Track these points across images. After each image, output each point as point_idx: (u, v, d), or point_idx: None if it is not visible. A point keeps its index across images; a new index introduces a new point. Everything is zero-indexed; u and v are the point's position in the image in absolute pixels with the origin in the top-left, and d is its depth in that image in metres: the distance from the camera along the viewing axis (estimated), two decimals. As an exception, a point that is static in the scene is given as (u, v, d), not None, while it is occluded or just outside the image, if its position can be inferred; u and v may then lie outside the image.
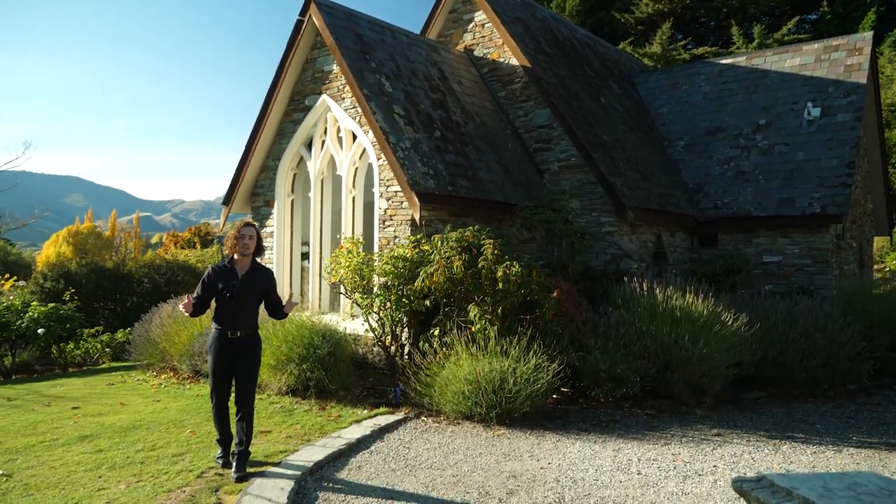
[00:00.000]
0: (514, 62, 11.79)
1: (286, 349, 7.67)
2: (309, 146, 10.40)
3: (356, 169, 9.93)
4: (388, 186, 9.12)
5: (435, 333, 7.63)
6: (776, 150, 12.32)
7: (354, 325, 9.05)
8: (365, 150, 9.62)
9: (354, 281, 8.36)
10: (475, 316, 7.33)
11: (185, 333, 9.23)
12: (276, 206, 10.66)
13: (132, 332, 10.98)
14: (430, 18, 12.90)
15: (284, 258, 10.69)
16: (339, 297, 9.72)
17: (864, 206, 13.85)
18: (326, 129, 10.14)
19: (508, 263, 7.34)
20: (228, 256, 5.36)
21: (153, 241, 68.06)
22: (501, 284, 7.25)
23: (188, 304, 5.20)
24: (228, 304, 5.18)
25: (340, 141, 9.99)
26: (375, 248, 9.17)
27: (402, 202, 8.91)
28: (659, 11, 27.78)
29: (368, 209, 9.98)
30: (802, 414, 7.22)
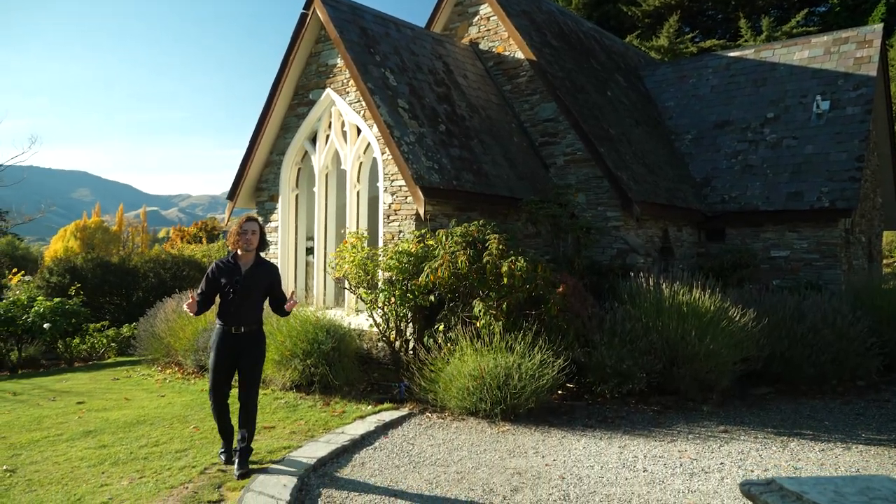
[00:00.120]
0: (519, 55, 11.70)
1: (290, 344, 7.65)
2: (313, 141, 10.36)
3: (361, 163, 9.88)
4: (392, 181, 9.07)
5: (439, 329, 7.59)
6: (784, 143, 12.21)
7: (359, 320, 9.02)
8: (369, 144, 9.57)
9: (359, 276, 8.32)
10: (480, 311, 7.28)
11: (189, 328, 9.23)
12: (280, 200, 10.63)
13: (137, 326, 10.99)
14: (435, 12, 12.81)
15: (289, 253, 10.67)
16: (343, 291, 9.69)
17: (873, 200, 13.71)
18: (331, 123, 10.09)
19: (513, 258, 7.28)
20: (232, 252, 5.33)
21: (160, 235, 68.31)
22: (506, 279, 7.20)
23: (192, 303, 5.17)
24: (232, 300, 5.14)
25: (345, 135, 9.94)
26: (380, 242, 9.13)
27: (406, 197, 8.86)
28: (666, 4, 27.59)
29: (373, 204, 9.93)
30: (811, 410, 7.15)
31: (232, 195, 10.98)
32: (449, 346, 7.14)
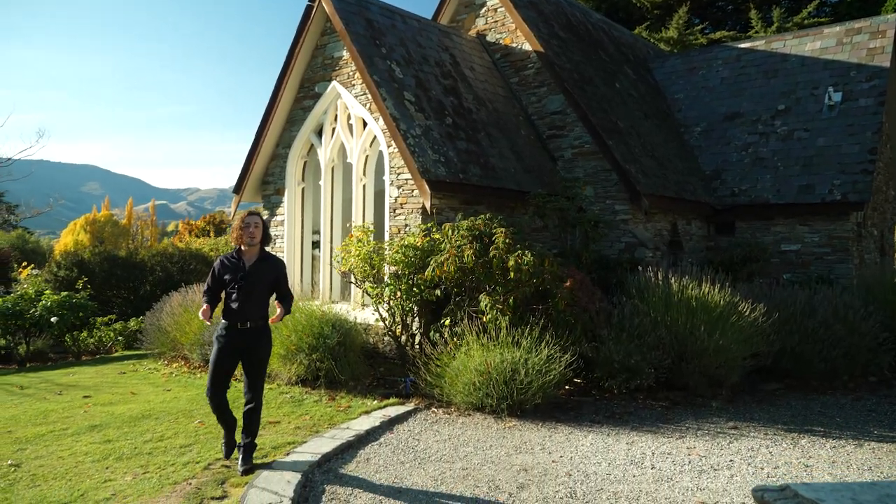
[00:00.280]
0: (527, 47, 11.58)
1: (296, 339, 7.62)
2: (319, 134, 10.30)
3: (367, 157, 9.81)
4: (398, 174, 9.00)
5: (446, 323, 7.53)
6: (795, 135, 12.05)
7: (365, 314, 8.98)
8: (375, 137, 9.50)
9: (364, 270, 8.27)
10: (486, 306, 7.22)
11: (195, 322, 9.21)
12: (286, 194, 10.59)
13: (144, 320, 11.00)
14: (441, 3, 12.71)
15: (295, 247, 10.63)
16: (349, 286, 9.65)
17: (885, 193, 13.53)
18: (337, 116, 10.03)
19: (520, 252, 7.21)
20: (236, 247, 5.27)
21: (169, 228, 68.58)
22: (513, 274, 7.12)
23: (206, 310, 5.14)
24: (237, 295, 5.09)
25: (351, 128, 9.87)
26: (386, 236, 9.07)
27: (412, 190, 8.79)
28: (675, -5, 27.25)
29: (379, 197, 9.87)
30: (821, 406, 7.05)
31: (238, 189, 10.94)
32: (455, 340, 7.09)
